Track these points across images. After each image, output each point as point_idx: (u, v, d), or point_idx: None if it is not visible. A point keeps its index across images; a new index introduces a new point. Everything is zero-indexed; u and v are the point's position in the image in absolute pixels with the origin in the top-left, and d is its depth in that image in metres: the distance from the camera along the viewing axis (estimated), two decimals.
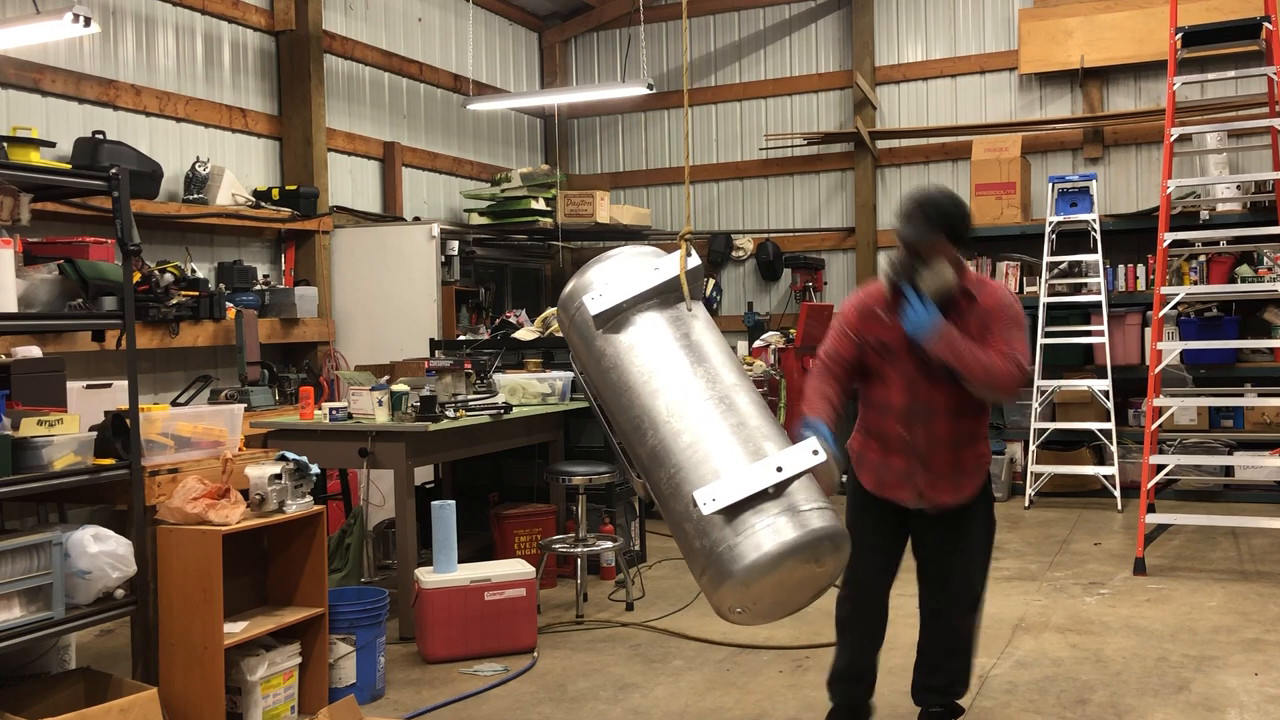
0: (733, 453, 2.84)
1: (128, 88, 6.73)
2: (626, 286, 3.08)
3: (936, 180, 9.76)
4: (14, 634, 3.42)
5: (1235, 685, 4.34)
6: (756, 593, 2.80)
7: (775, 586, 2.82)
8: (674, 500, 2.87)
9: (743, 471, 2.79)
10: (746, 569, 2.72)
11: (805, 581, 2.89)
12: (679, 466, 2.86)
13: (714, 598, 2.85)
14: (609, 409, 3.12)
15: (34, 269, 3.97)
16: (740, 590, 2.77)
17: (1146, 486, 6.32)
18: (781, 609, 3.02)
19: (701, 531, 2.78)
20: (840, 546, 2.88)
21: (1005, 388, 3.45)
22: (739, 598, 2.81)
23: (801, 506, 2.80)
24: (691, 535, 2.82)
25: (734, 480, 2.78)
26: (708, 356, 3.04)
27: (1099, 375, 8.23)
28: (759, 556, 2.71)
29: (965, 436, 3.60)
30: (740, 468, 2.80)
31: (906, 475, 3.60)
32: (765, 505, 2.76)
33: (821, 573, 2.89)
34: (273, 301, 7.31)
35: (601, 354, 3.08)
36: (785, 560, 2.75)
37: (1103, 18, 8.97)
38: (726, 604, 2.85)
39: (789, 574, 2.80)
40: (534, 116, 10.98)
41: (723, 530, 2.75)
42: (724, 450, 2.85)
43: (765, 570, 2.73)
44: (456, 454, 5.69)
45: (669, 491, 2.88)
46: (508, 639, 4.92)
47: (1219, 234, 7.55)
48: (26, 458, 3.50)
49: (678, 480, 2.85)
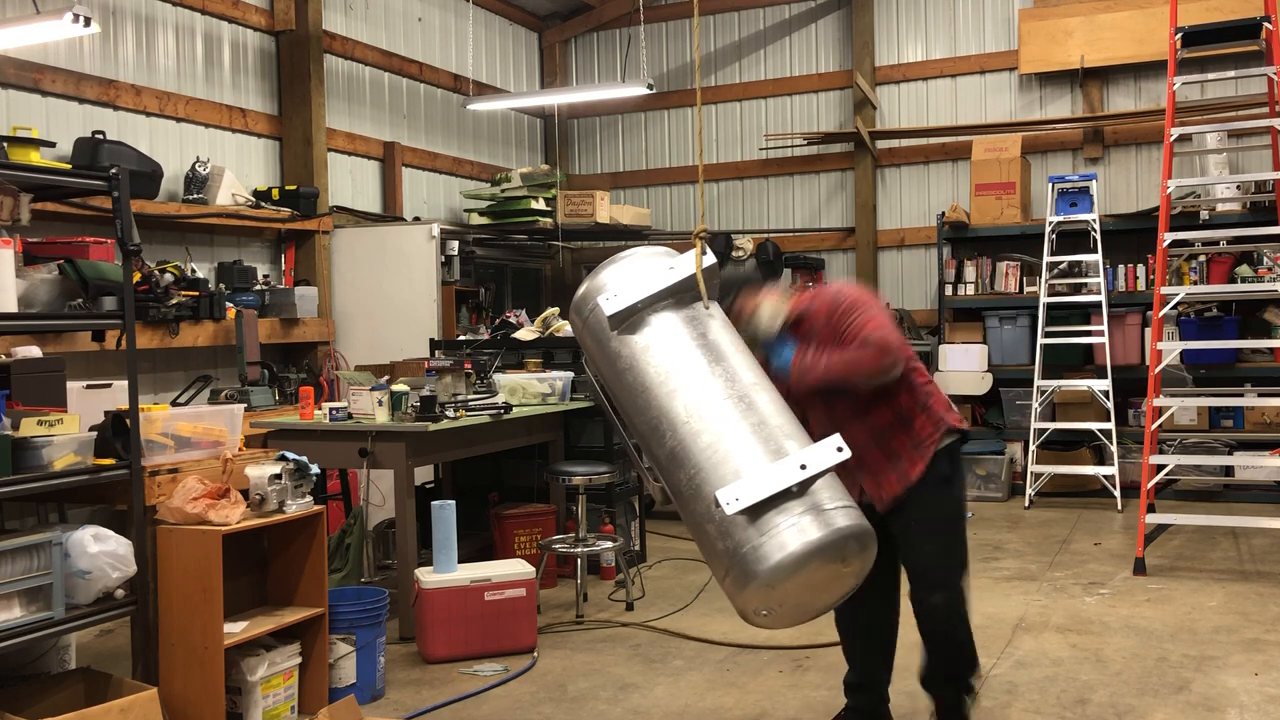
0: (754, 452, 2.80)
1: (128, 88, 6.73)
2: (641, 287, 3.05)
3: (937, 180, 9.78)
4: (14, 634, 3.42)
5: (1235, 685, 4.34)
6: (782, 594, 2.76)
7: (801, 587, 2.78)
8: (695, 501, 2.83)
9: (765, 470, 2.74)
10: (771, 570, 2.68)
11: (830, 582, 2.85)
12: (699, 467, 2.82)
13: (738, 600, 2.80)
14: (625, 411, 3.09)
15: (34, 269, 3.97)
16: (766, 592, 2.73)
17: (1146, 486, 6.32)
18: (807, 611, 2.97)
19: (724, 533, 2.74)
20: (866, 546, 2.83)
21: (878, 369, 3.38)
22: (764, 599, 2.77)
23: (826, 505, 2.75)
24: (714, 537, 2.78)
25: (757, 479, 2.73)
26: (726, 355, 3.01)
27: (1099, 375, 8.23)
28: (784, 557, 2.67)
29: (888, 427, 3.53)
30: (762, 467, 2.75)
31: (853, 484, 3.51)
32: (789, 504, 2.71)
33: (847, 572, 2.85)
34: (273, 301, 7.31)
35: (617, 355, 3.05)
36: (811, 560, 2.71)
37: (1103, 18, 8.97)
38: (751, 606, 2.80)
39: (814, 574, 2.76)
40: (534, 116, 10.98)
41: (746, 531, 2.71)
42: (745, 450, 2.80)
43: (791, 571, 2.69)
44: (456, 454, 5.69)
45: (689, 493, 2.84)
46: (508, 639, 4.92)
47: (1219, 234, 7.54)
48: (26, 458, 3.50)
49: (698, 481, 2.81)
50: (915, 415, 3.54)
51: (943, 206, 9.44)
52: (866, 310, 3.45)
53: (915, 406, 3.54)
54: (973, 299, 9.08)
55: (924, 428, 3.53)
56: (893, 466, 3.54)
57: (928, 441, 3.53)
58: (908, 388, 3.53)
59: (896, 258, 9.97)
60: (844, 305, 3.48)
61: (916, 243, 9.84)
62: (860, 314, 3.44)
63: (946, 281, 9.16)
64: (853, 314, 3.44)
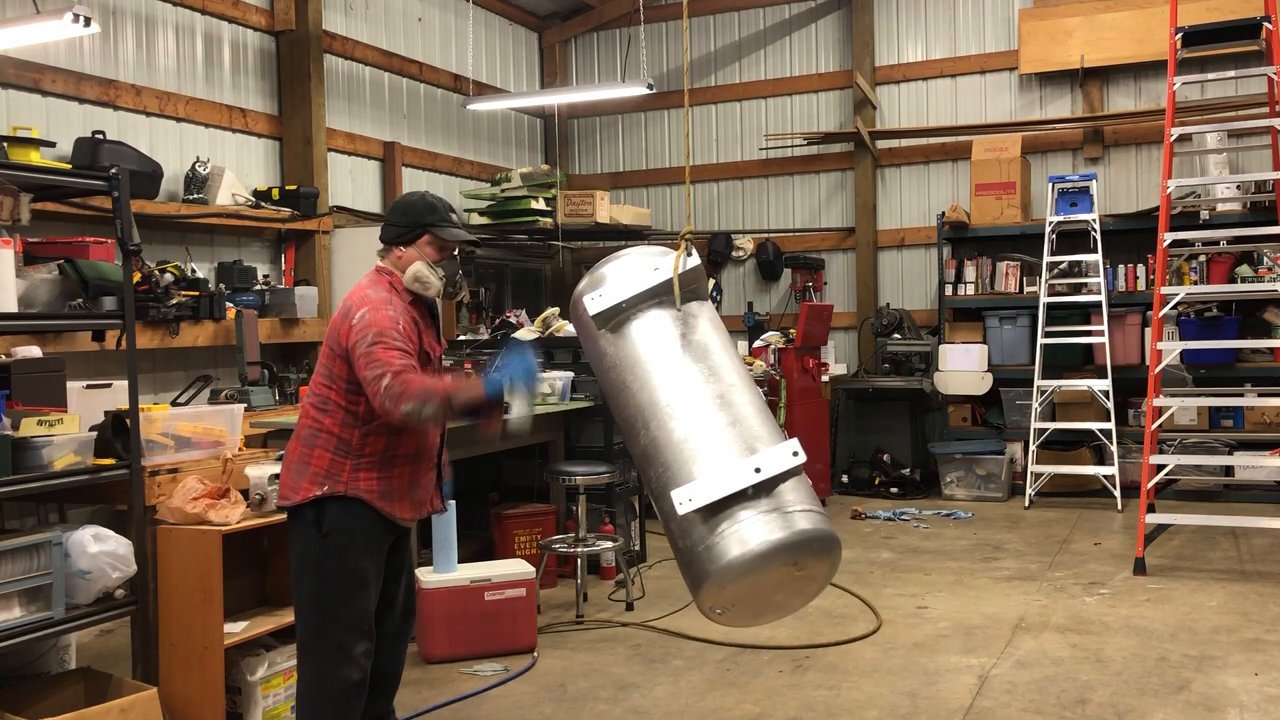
0: (720, 452, 2.80)
1: (128, 88, 6.73)
2: (626, 287, 3.08)
3: (937, 180, 9.78)
4: (14, 634, 3.42)
5: (1235, 685, 4.34)
6: (733, 594, 2.76)
7: (754, 588, 2.78)
8: (663, 499, 2.83)
9: (723, 472, 2.75)
10: (721, 570, 2.68)
11: (788, 583, 2.84)
12: (667, 465, 2.83)
13: (695, 598, 2.83)
14: (612, 408, 3.12)
15: (34, 269, 3.97)
16: (717, 591, 2.74)
17: (1146, 486, 6.32)
18: (764, 611, 2.97)
19: (683, 531, 2.77)
20: (828, 550, 2.80)
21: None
22: (717, 598, 2.78)
23: (786, 508, 2.74)
24: (675, 534, 2.81)
25: (712, 480, 2.74)
26: (709, 355, 3.01)
27: (1099, 375, 8.23)
28: (731, 559, 2.67)
29: None
30: (723, 468, 2.76)
31: (427, 484, 3.60)
32: (743, 506, 2.72)
33: (802, 576, 2.82)
34: (273, 301, 7.31)
35: (603, 354, 3.08)
36: (761, 562, 2.70)
37: (1103, 18, 8.97)
38: (706, 604, 2.83)
39: (767, 576, 2.76)
40: (534, 116, 10.97)
41: (699, 530, 2.72)
42: (712, 449, 2.80)
43: (740, 572, 2.69)
44: (456, 454, 5.68)
45: (659, 490, 2.86)
46: (508, 639, 4.92)
47: (1219, 234, 7.54)
48: (26, 458, 3.50)
49: (665, 479, 2.82)
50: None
51: (943, 206, 9.44)
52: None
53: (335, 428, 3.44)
54: (973, 299, 9.08)
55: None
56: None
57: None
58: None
59: (896, 258, 9.97)
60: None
61: (916, 243, 9.84)
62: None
63: (946, 281, 9.16)
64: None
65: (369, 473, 3.37)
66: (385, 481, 3.39)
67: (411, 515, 3.51)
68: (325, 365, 3.42)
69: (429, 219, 3.49)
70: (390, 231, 3.50)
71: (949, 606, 5.58)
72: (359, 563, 3.37)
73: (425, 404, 3.20)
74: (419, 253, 3.47)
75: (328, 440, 3.37)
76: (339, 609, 3.36)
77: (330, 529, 3.34)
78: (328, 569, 3.35)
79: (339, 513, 3.34)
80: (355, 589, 3.37)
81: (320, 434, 3.38)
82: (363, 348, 3.27)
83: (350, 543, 3.36)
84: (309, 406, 3.45)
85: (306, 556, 3.39)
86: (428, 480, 3.56)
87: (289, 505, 3.41)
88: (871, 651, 4.89)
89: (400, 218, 3.51)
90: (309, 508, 3.35)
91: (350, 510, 3.35)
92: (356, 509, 3.35)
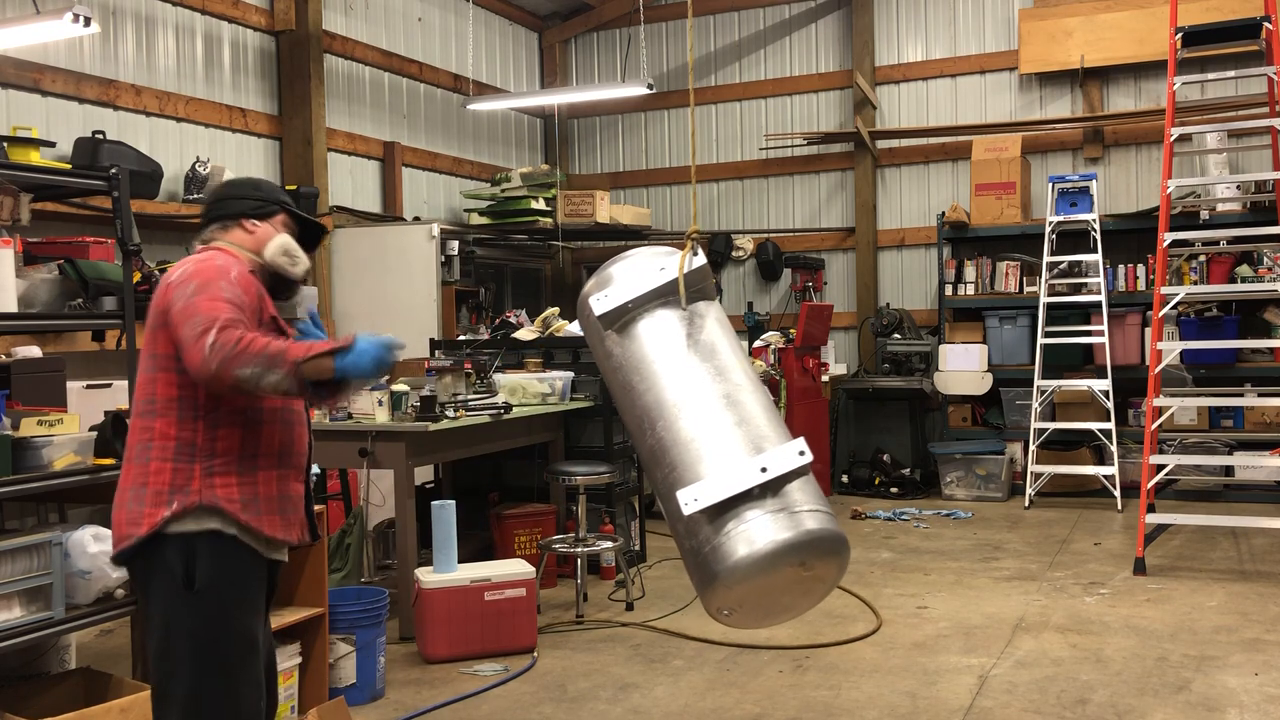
0: (727, 452, 2.79)
1: (128, 88, 6.73)
2: (632, 287, 3.07)
3: (937, 180, 9.78)
4: (14, 634, 3.42)
5: (1235, 685, 4.34)
6: (741, 595, 2.76)
7: (762, 589, 2.77)
8: (670, 500, 2.83)
9: (729, 471, 2.74)
10: (728, 570, 2.67)
11: (795, 584, 2.83)
12: (673, 465, 2.82)
13: (702, 598, 2.83)
14: (619, 409, 3.12)
15: (34, 269, 3.97)
16: (724, 591, 2.73)
17: (1146, 486, 6.32)
18: (778, 612, 2.97)
19: (690, 531, 2.76)
20: (836, 550, 2.79)
21: None
22: (724, 599, 2.78)
23: (794, 508, 2.73)
24: (682, 535, 2.80)
25: (718, 480, 2.73)
26: (715, 355, 3.01)
27: (1099, 375, 8.23)
28: (738, 559, 2.66)
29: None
30: (729, 468, 2.75)
31: (297, 500, 2.88)
32: (749, 506, 2.71)
33: (810, 576, 2.82)
34: None
35: (609, 354, 3.08)
36: (768, 562, 2.69)
37: (1103, 18, 8.97)
38: (713, 605, 2.82)
39: (774, 577, 2.75)
40: (534, 116, 10.98)
41: (706, 530, 2.71)
42: (719, 449, 2.79)
43: (747, 572, 2.68)
44: (456, 454, 5.69)
45: (665, 491, 2.85)
46: (508, 639, 4.92)
47: (1219, 234, 7.54)
48: (26, 458, 3.50)
49: (672, 480, 2.81)
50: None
51: (943, 206, 9.44)
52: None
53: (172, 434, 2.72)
54: (973, 299, 9.08)
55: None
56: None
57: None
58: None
59: (896, 258, 9.97)
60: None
61: (916, 243, 9.84)
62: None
63: (946, 281, 9.16)
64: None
65: (225, 478, 2.66)
66: (247, 488, 2.69)
67: (283, 535, 2.76)
68: (147, 354, 2.71)
69: (283, 198, 2.99)
70: (238, 205, 2.88)
71: (949, 606, 5.58)
72: (244, 623, 2.70)
73: (268, 370, 2.54)
74: (276, 229, 2.92)
75: (164, 447, 2.65)
76: (227, 679, 2.67)
77: (203, 585, 2.62)
78: (207, 636, 2.64)
79: (210, 556, 2.63)
80: (247, 652, 2.71)
81: (153, 443, 2.66)
82: (180, 302, 2.61)
83: (234, 597, 2.68)
84: (134, 419, 2.74)
85: (176, 621, 2.64)
86: (297, 495, 2.83)
87: (131, 546, 2.63)
88: (871, 651, 4.89)
89: (254, 191, 2.94)
90: (168, 549, 2.62)
91: (222, 550, 2.65)
92: (229, 548, 2.66)
